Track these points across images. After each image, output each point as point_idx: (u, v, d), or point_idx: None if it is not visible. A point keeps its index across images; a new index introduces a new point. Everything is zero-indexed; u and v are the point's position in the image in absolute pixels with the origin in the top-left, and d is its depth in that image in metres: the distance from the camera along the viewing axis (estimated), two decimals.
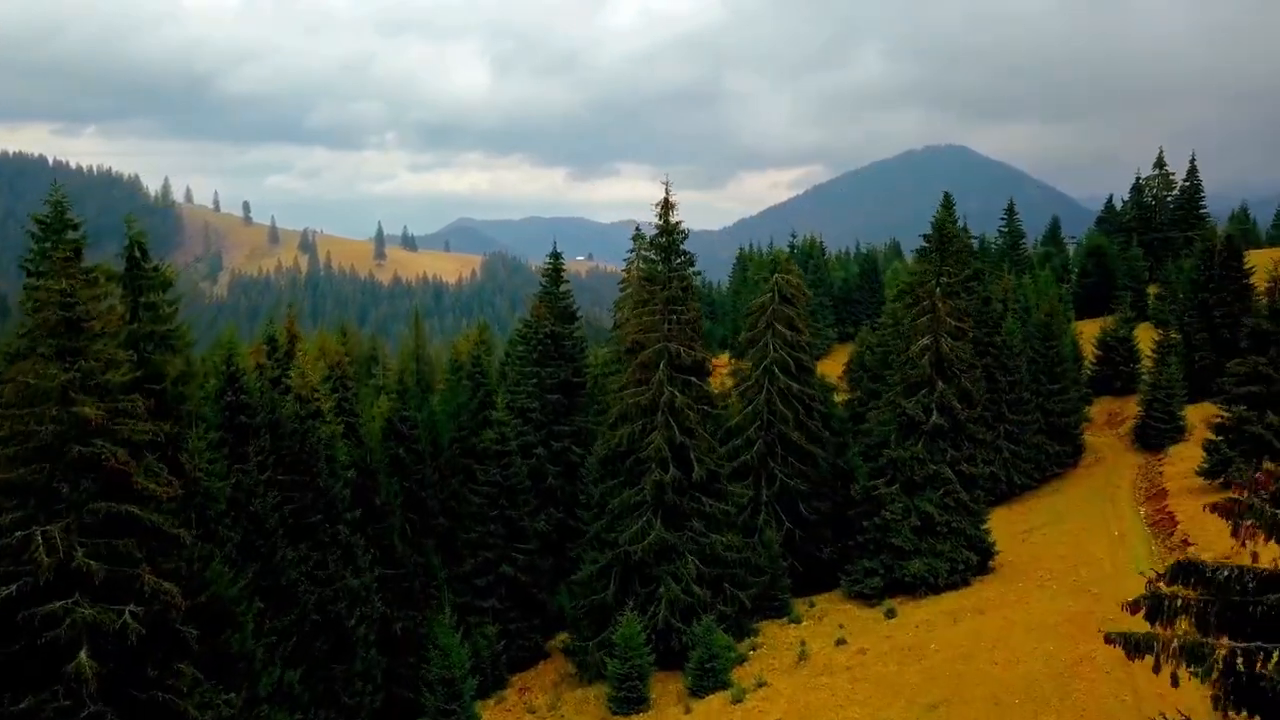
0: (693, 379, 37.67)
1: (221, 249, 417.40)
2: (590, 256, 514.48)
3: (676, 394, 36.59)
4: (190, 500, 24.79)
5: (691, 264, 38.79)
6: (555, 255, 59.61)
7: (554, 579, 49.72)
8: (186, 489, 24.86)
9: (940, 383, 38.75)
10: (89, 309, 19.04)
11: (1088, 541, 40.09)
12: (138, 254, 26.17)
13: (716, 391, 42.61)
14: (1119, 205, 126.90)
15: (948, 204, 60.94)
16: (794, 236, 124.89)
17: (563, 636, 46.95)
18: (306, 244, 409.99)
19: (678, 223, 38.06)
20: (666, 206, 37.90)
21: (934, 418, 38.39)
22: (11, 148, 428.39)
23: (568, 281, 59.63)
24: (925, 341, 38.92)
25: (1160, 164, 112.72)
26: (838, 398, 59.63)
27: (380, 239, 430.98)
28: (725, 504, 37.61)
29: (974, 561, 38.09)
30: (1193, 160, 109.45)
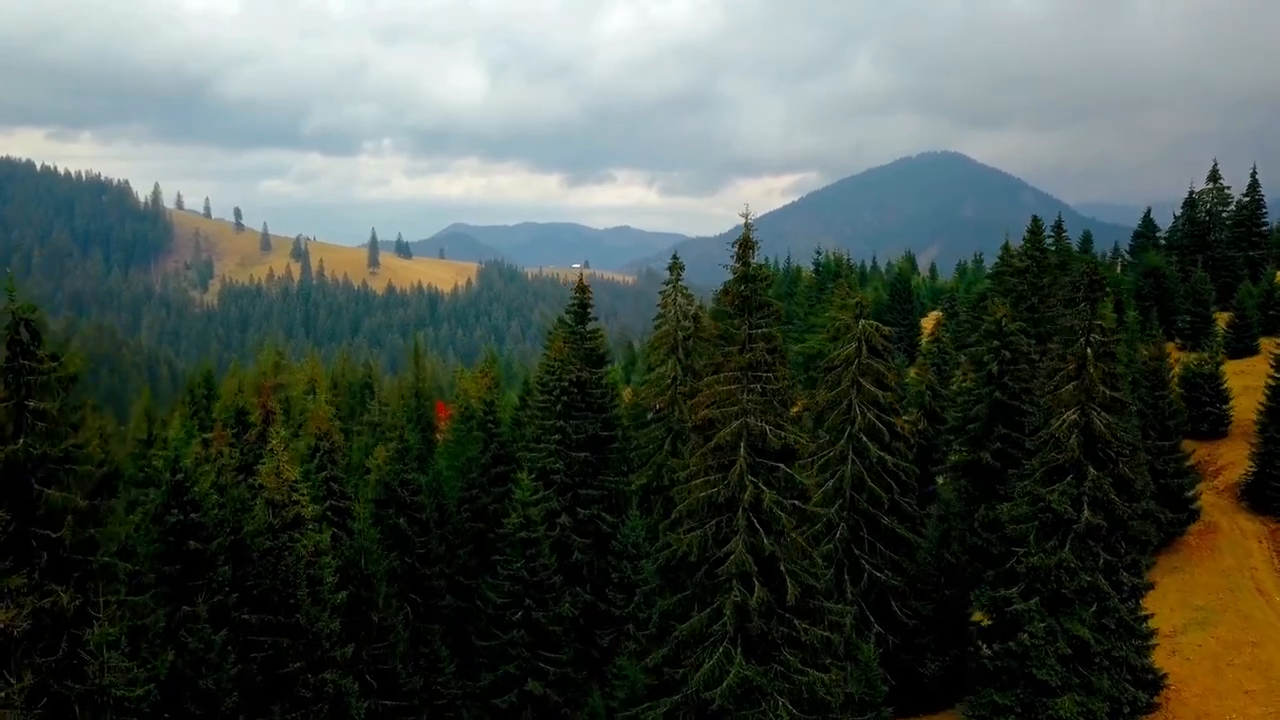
0: (780, 466, 29.25)
1: (212, 256, 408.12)
2: (586, 264, 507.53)
3: (762, 488, 28.20)
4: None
5: (778, 318, 30.29)
6: (582, 289, 50.90)
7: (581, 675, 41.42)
8: (89, 701, 16.50)
9: (1092, 469, 30.42)
10: None
11: (1273, 666, 31.79)
12: (25, 336, 17.71)
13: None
14: (1152, 219, 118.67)
15: (1036, 230, 52.88)
16: (819, 253, 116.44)
17: None
18: (299, 251, 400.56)
19: (761, 266, 29.71)
20: (746, 247, 29.53)
21: (1086, 514, 30.06)
22: None
23: (596, 319, 51.02)
24: (1073, 416, 30.57)
25: (1214, 177, 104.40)
26: None
27: (374, 246, 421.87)
28: (823, 627, 29.22)
29: (1141, 701, 29.76)
30: (1254, 173, 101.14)
